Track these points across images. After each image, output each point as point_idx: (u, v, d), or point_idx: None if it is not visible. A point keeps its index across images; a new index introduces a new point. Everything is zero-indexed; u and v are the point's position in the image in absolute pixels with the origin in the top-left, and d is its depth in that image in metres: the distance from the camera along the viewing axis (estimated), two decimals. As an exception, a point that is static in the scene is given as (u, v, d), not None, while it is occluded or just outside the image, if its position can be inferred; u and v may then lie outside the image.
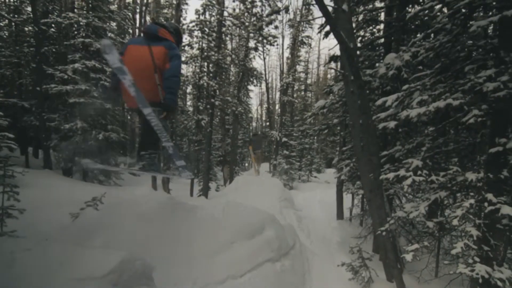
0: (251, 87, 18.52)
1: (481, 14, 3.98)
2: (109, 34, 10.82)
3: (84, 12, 10.61)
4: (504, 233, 3.66)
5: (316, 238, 6.67)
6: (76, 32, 10.42)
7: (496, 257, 3.53)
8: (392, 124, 4.23)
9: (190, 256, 3.42)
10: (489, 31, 4.31)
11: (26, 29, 11.76)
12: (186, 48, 12.29)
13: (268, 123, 25.33)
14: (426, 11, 4.70)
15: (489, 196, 3.20)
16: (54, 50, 10.74)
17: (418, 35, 5.42)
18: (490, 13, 3.70)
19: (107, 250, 2.19)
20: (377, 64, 6.65)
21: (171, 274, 3.14)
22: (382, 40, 6.62)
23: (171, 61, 2.60)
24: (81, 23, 9.97)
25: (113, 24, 13.61)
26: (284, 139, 18.07)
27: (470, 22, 3.60)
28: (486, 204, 3.22)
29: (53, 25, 10.41)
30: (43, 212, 4.97)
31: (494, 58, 3.64)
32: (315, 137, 21.41)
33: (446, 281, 3.90)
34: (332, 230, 7.55)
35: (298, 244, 4.86)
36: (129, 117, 16.67)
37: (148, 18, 15.94)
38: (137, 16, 16.41)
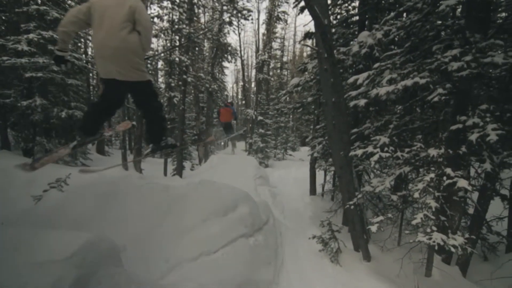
0: (226, 63, 18.03)
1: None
2: (69, 2, 9.82)
3: (38, -25, 9.47)
4: (460, 204, 3.98)
5: (290, 213, 6.89)
6: (29, -2, 9.32)
7: (451, 226, 3.85)
8: (362, 102, 4.32)
9: (162, 235, 3.39)
10: (457, 13, 4.41)
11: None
12: (156, 20, 11.50)
13: (244, 102, 25.06)
14: (399, -12, 4.70)
15: (448, 170, 3.42)
16: (4, 18, 9.61)
17: (392, 13, 5.44)
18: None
19: (70, 232, 2.09)
20: (351, 42, 6.66)
21: (143, 254, 3.10)
22: (357, 17, 6.59)
23: (234, 114, 9.89)
24: (34, -12, 8.91)
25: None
26: (260, 117, 18.04)
27: (440, 2, 3.65)
28: (445, 178, 3.44)
29: (1, -11, 9.25)
30: (1, 196, 4.66)
31: (460, 38, 3.76)
32: (290, 116, 21.59)
33: (406, 249, 4.21)
34: (305, 205, 7.83)
35: (272, 219, 4.98)
36: (95, 93, 15.67)
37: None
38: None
